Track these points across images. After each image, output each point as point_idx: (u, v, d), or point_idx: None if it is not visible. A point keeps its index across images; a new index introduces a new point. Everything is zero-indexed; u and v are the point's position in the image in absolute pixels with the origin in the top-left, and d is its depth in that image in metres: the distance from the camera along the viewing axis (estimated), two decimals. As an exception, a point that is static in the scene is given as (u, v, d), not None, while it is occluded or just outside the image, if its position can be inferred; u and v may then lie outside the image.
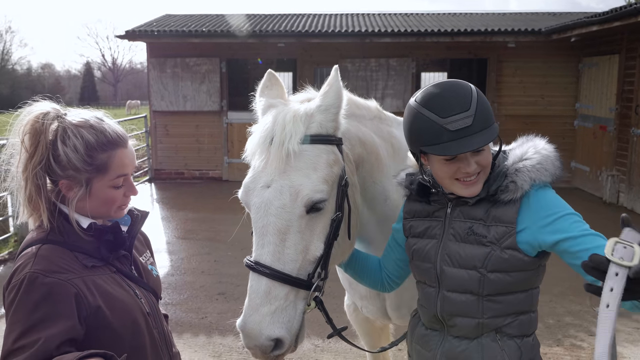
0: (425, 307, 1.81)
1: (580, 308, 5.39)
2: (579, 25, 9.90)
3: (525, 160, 1.66)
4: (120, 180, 1.63)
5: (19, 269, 1.50)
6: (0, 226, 7.73)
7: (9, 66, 61.97)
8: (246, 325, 1.65)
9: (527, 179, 1.62)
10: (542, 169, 1.64)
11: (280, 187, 1.67)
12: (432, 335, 1.82)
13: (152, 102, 12.35)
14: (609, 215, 9.23)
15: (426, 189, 1.79)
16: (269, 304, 1.65)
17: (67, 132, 1.57)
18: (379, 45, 11.65)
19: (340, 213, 1.73)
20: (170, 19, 13.84)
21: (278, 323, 1.65)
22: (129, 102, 45.94)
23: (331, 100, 1.76)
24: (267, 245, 1.67)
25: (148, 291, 1.77)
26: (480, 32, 11.14)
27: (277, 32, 11.46)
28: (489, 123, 1.59)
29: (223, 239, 7.54)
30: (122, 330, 1.57)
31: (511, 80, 11.83)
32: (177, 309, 5.34)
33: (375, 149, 2.04)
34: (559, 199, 1.64)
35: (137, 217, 1.80)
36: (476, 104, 1.58)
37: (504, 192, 1.63)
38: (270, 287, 1.65)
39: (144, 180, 12.43)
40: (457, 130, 1.55)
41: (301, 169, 1.68)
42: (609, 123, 10.28)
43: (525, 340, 1.72)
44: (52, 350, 1.37)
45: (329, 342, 4.58)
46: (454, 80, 1.66)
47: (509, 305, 1.68)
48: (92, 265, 1.58)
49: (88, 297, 1.51)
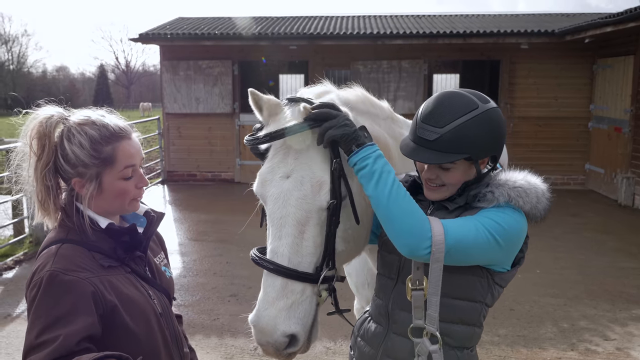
0: (379, 299, 1.85)
1: (595, 312, 5.32)
2: (593, 26, 9.81)
3: (509, 181, 1.68)
4: (129, 171, 1.67)
5: (40, 267, 1.54)
6: (16, 227, 7.83)
7: (24, 69, 62.81)
8: (260, 320, 1.60)
9: (505, 195, 1.64)
10: (523, 193, 1.65)
11: (301, 178, 1.66)
12: (377, 330, 1.84)
13: (165, 105, 12.43)
14: (624, 218, 9.13)
15: (418, 188, 1.82)
16: (285, 298, 1.60)
17: (72, 131, 1.63)
18: (391, 47, 11.62)
19: (334, 201, 1.65)
20: (183, 22, 13.93)
21: (294, 318, 1.61)
22: (142, 105, 46.35)
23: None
24: (285, 237, 1.64)
25: (161, 292, 1.80)
26: (493, 33, 11.08)
27: (289, 34, 11.49)
28: (455, 150, 1.60)
29: (235, 241, 7.56)
30: (136, 330, 1.60)
31: (524, 82, 11.74)
32: (189, 310, 5.36)
33: (388, 148, 2.03)
34: (510, 219, 1.62)
35: (153, 218, 1.83)
36: (454, 128, 1.59)
37: (480, 200, 1.67)
38: (287, 280, 1.61)
39: (157, 182, 12.50)
40: (419, 137, 1.64)
41: (324, 162, 1.68)
42: (624, 125, 10.17)
43: (464, 352, 1.75)
44: (72, 346, 1.40)
45: (340, 344, 4.58)
46: (464, 97, 1.65)
47: (452, 310, 1.68)
48: (108, 265, 1.62)
49: (105, 295, 1.54)
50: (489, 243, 1.59)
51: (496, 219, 1.61)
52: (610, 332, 4.91)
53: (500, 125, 1.66)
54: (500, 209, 1.64)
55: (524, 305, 5.45)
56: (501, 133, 1.68)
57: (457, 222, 1.61)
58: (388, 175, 1.58)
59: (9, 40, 61.71)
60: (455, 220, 1.62)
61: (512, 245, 1.66)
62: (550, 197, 1.72)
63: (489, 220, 1.61)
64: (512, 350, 4.56)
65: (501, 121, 1.68)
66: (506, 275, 1.72)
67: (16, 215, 7.88)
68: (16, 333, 4.92)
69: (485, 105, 1.64)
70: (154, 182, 12.37)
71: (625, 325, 5.03)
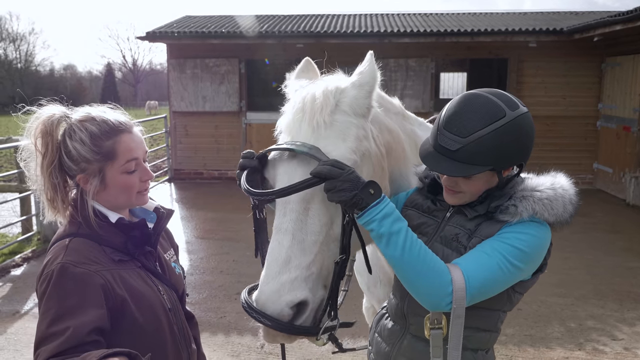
0: (396, 299, 1.81)
1: (603, 312, 5.29)
2: (602, 25, 9.73)
3: (535, 192, 1.59)
4: (131, 165, 1.68)
5: (51, 260, 1.57)
6: (24, 225, 7.88)
7: (32, 67, 63.14)
8: (262, 295, 1.52)
9: (530, 209, 1.56)
10: (549, 204, 1.56)
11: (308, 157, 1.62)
12: (394, 329, 1.81)
13: (171, 103, 12.46)
14: (633, 217, 9.07)
15: (438, 187, 1.77)
16: (289, 273, 1.53)
17: (73, 128, 1.65)
18: (398, 46, 11.60)
19: (343, 256, 1.58)
20: (190, 20, 13.96)
21: (299, 288, 1.52)
22: (148, 103, 46.49)
23: (367, 78, 1.74)
24: (289, 213, 1.60)
25: (170, 288, 1.82)
26: (501, 31, 11.02)
27: (296, 32, 11.49)
28: (479, 162, 1.51)
29: (242, 239, 7.57)
30: (145, 324, 1.62)
31: (532, 81, 11.68)
32: (196, 308, 5.38)
33: (402, 141, 2.00)
34: (533, 239, 1.56)
35: (162, 214, 1.85)
36: (478, 139, 1.49)
37: (502, 212, 1.58)
38: (290, 255, 1.55)
39: (164, 180, 12.54)
40: (440, 145, 1.56)
41: (329, 138, 1.65)
42: (632, 124, 10.10)
43: (479, 353, 1.72)
44: (82, 337, 1.41)
45: (347, 342, 4.57)
46: (490, 103, 1.54)
47: (470, 319, 1.61)
48: (119, 259, 1.64)
49: (115, 289, 1.56)
50: (511, 274, 1.53)
51: (518, 244, 1.53)
52: (618, 332, 4.88)
53: (528, 133, 1.57)
54: (522, 227, 1.56)
55: (532, 305, 5.43)
56: (529, 140, 1.58)
57: (478, 261, 1.53)
58: (397, 236, 1.48)
59: (16, 38, 62.14)
60: (477, 258, 1.53)
61: (535, 263, 1.61)
62: (578, 201, 1.63)
63: (511, 249, 1.53)
64: (519, 350, 4.54)
65: (530, 128, 1.57)
66: (527, 283, 1.68)
67: (24, 213, 7.93)
68: (24, 330, 4.95)
69: (513, 112, 1.53)
70: (161, 180, 12.41)
71: (633, 325, 5.00)
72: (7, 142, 7.62)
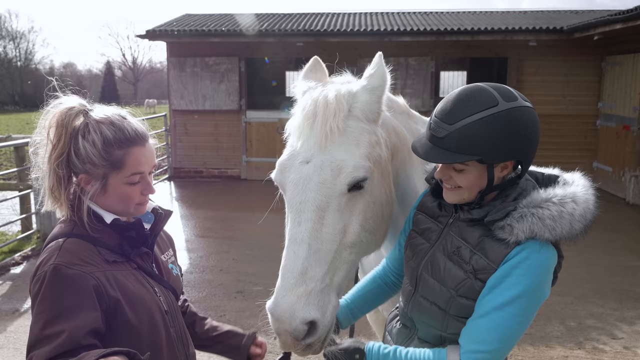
0: (402, 303, 1.82)
1: (602, 311, 5.30)
2: (602, 24, 9.73)
3: (539, 209, 1.50)
4: (135, 178, 1.65)
5: (44, 261, 1.54)
6: (24, 223, 7.87)
7: (32, 65, 63.09)
8: (278, 307, 1.54)
9: (527, 231, 1.48)
10: (551, 226, 1.48)
11: (320, 162, 1.63)
12: (403, 331, 1.81)
13: (171, 101, 12.45)
14: (632, 216, 9.08)
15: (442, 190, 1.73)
16: (305, 285, 1.55)
17: (89, 127, 1.62)
18: (398, 44, 11.59)
19: None
20: (190, 18, 13.94)
21: (314, 305, 1.55)
22: (147, 101, 46.48)
23: (377, 81, 1.73)
24: (304, 223, 1.60)
25: (167, 289, 1.79)
26: (501, 30, 11.02)
27: (296, 31, 11.48)
28: (464, 150, 1.47)
29: (241, 238, 7.57)
30: (139, 326, 1.59)
31: (532, 79, 11.68)
32: (195, 306, 5.31)
33: (407, 142, 1.98)
34: (537, 274, 1.50)
35: (160, 215, 1.82)
36: (464, 126, 1.46)
37: (500, 229, 1.52)
38: (307, 266, 1.57)
39: (164, 178, 12.54)
40: (431, 134, 1.55)
41: (342, 145, 1.64)
42: (632, 123, 10.10)
43: None
44: (79, 339, 1.39)
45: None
46: (484, 93, 1.50)
47: None
48: (113, 260, 1.61)
49: (108, 290, 1.53)
50: (519, 324, 1.51)
51: (520, 293, 1.48)
52: (618, 330, 4.89)
53: (525, 126, 1.49)
54: (521, 269, 1.49)
55: (531, 304, 5.42)
56: (527, 136, 1.50)
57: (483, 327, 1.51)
58: None
59: (16, 36, 62.09)
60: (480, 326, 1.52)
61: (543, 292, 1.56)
62: (594, 212, 1.57)
63: (512, 308, 1.48)
64: (519, 349, 4.54)
65: (528, 122, 1.49)
66: None
67: (24, 211, 7.92)
68: (24, 328, 4.94)
69: (508, 103, 1.47)
70: (160, 179, 12.41)
71: (633, 324, 5.00)
72: (7, 141, 7.61)
